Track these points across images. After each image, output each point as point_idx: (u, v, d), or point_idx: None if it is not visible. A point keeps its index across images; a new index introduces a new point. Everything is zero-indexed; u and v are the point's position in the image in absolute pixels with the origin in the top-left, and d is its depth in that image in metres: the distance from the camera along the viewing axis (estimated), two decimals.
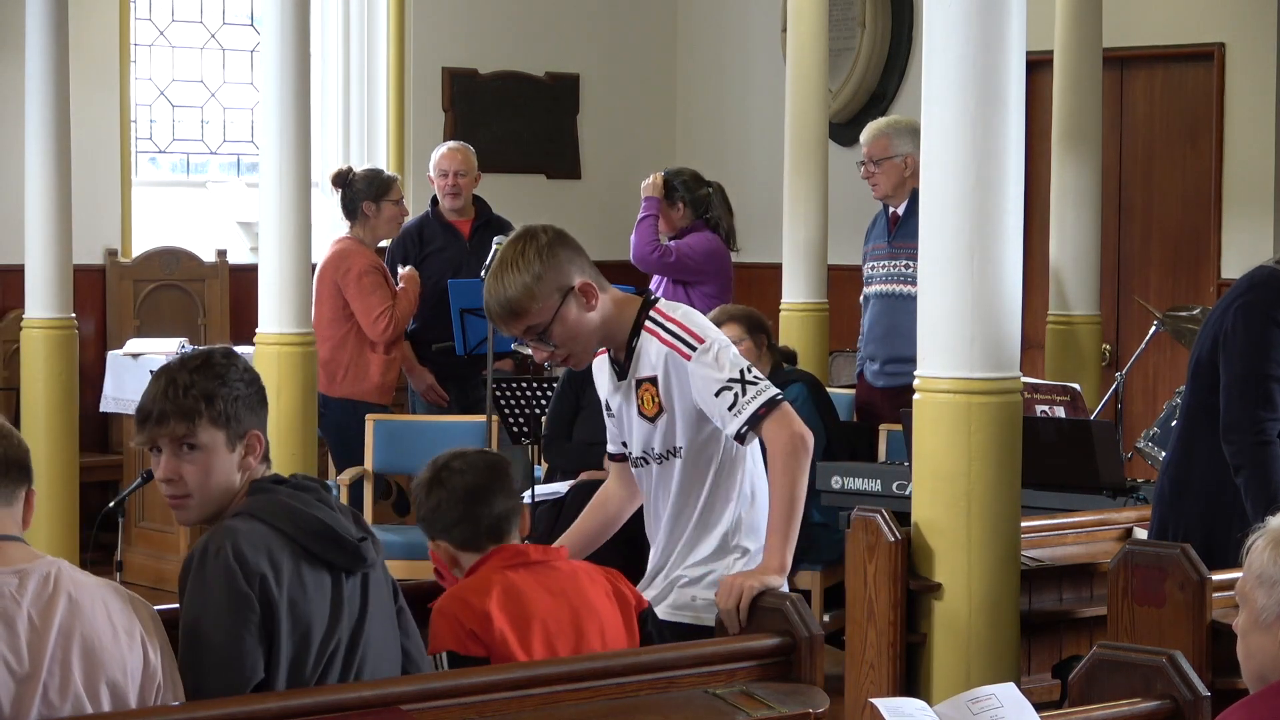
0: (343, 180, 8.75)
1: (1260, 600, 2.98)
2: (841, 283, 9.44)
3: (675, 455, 4.37)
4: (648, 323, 4.35)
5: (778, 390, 4.27)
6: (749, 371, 4.26)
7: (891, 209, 8.00)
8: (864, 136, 8.03)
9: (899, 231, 7.87)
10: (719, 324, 7.53)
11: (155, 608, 3.55)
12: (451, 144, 9.18)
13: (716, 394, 4.23)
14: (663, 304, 4.39)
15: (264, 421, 3.77)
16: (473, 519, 4.19)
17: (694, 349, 4.28)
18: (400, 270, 8.77)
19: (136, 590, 3.52)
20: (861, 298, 8.19)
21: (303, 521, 3.65)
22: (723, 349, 4.28)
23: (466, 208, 9.05)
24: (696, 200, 8.62)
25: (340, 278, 8.49)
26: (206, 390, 3.66)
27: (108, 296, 10.31)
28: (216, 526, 3.66)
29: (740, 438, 4.26)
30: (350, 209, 8.70)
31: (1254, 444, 4.96)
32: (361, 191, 8.67)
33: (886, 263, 7.94)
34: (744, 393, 4.23)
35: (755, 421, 4.21)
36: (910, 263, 7.31)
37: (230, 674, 3.52)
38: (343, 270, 8.51)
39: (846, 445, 7.43)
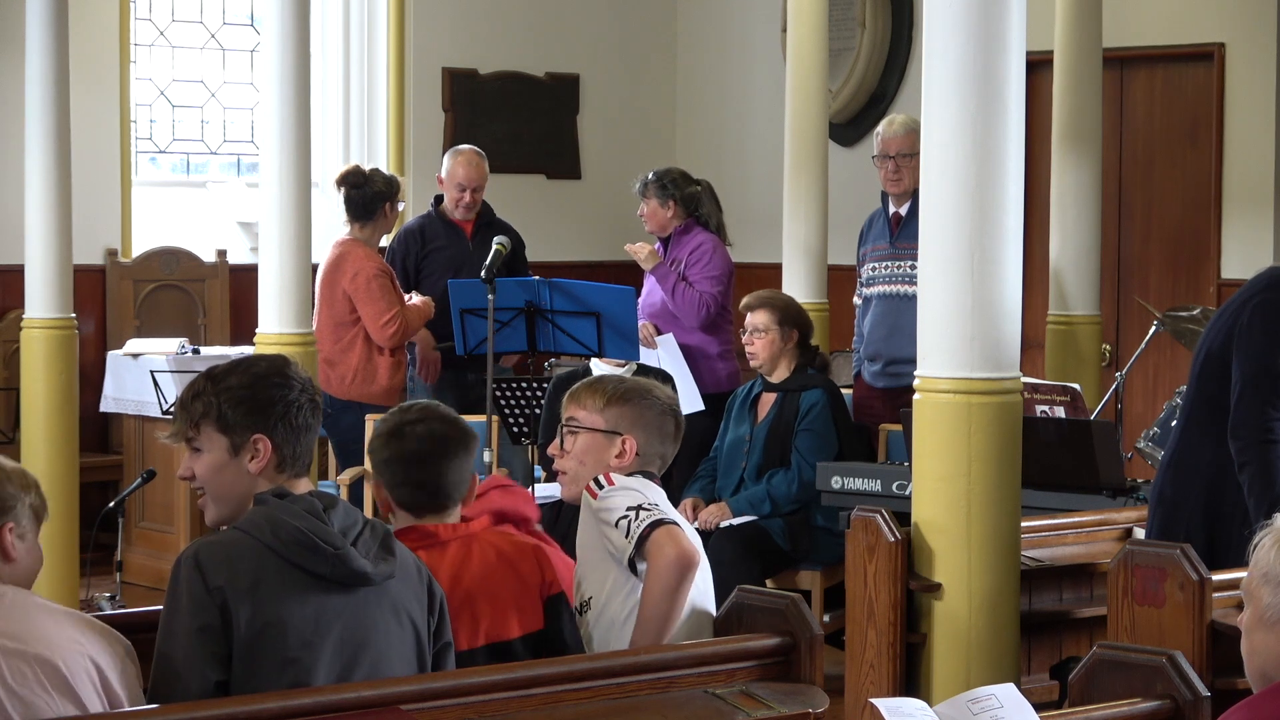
0: (361, 179, 8.70)
1: (1266, 598, 2.98)
2: (841, 283, 9.43)
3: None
4: None
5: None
6: None
7: (893, 209, 7.98)
8: (888, 133, 7.94)
9: (902, 232, 7.85)
10: (751, 309, 7.57)
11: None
12: (467, 153, 9.01)
13: None
14: None
15: (289, 431, 3.79)
16: (416, 485, 4.18)
17: None
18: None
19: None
20: (858, 299, 8.17)
21: (281, 530, 3.67)
22: None
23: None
24: (686, 198, 8.61)
25: (349, 282, 8.45)
26: (213, 397, 3.78)
27: (108, 296, 10.31)
28: (202, 537, 3.76)
29: None
30: (367, 208, 8.65)
31: (1261, 442, 4.96)
32: (383, 192, 8.63)
33: (889, 263, 7.93)
34: None
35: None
36: (915, 263, 7.29)
37: (181, 681, 3.55)
38: (351, 274, 8.47)
39: (855, 454, 7.41)
